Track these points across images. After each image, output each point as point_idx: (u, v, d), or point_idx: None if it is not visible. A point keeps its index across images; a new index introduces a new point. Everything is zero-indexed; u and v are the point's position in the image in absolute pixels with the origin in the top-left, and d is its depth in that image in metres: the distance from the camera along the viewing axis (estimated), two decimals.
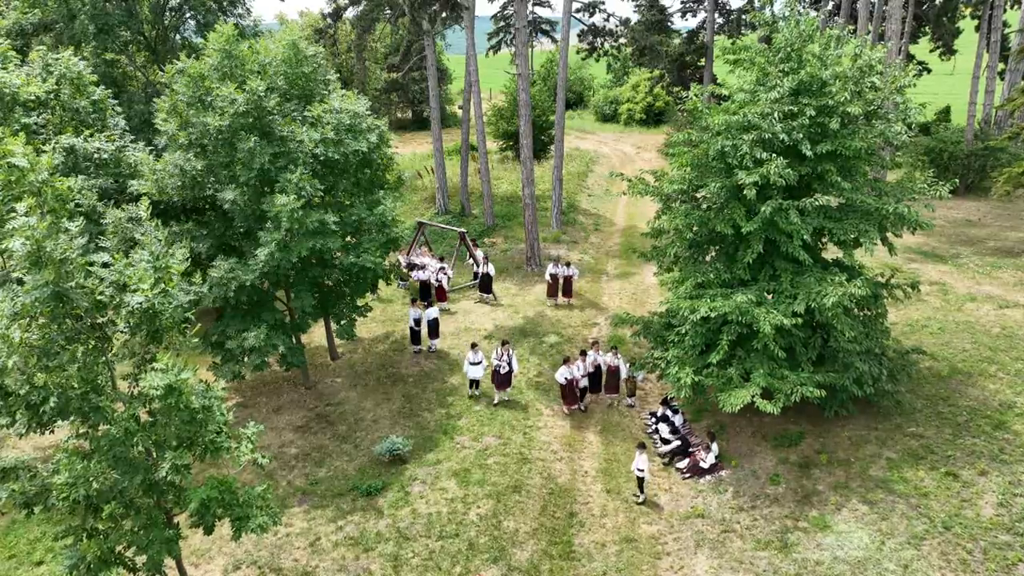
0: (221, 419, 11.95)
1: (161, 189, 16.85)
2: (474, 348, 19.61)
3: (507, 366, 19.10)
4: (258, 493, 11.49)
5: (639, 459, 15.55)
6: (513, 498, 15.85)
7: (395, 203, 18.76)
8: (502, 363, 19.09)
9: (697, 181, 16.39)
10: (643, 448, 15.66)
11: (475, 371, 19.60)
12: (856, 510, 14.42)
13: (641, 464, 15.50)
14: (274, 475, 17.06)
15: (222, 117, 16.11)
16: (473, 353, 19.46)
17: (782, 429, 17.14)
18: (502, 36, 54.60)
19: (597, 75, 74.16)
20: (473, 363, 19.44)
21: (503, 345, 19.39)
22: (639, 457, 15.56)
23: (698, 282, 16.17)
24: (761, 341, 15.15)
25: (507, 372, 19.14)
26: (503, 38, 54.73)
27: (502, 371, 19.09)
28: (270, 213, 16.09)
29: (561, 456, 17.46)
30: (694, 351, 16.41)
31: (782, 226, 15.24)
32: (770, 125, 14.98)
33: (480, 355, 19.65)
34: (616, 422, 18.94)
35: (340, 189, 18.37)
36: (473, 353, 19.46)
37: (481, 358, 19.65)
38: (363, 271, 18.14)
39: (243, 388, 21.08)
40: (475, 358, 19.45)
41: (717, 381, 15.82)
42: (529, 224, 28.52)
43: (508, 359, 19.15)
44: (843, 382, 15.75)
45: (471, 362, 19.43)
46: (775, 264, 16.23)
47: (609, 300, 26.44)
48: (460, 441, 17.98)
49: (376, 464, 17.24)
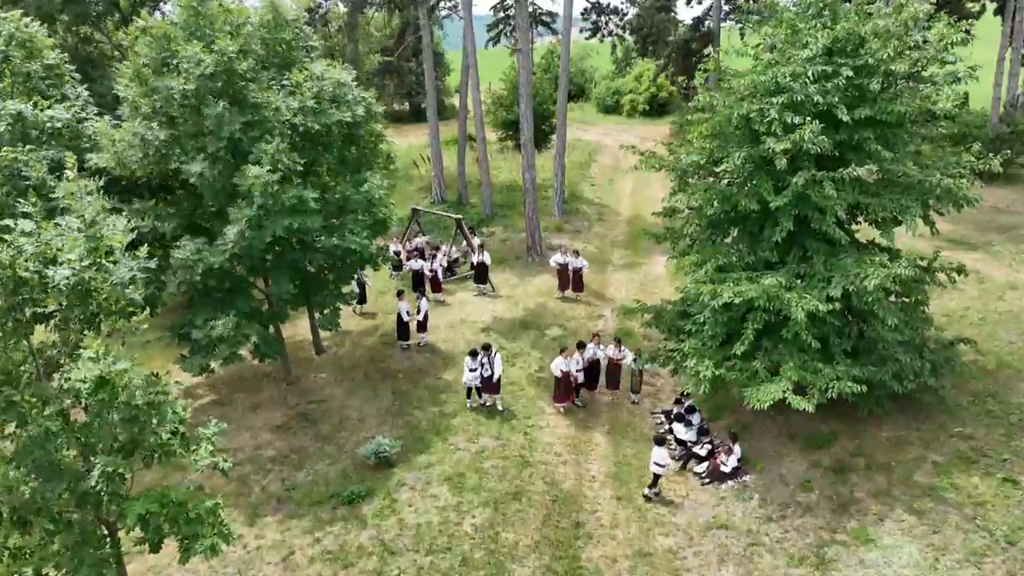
0: (176, 418, 10.27)
1: (121, 162, 15.13)
2: (473, 355, 17.12)
3: (489, 369, 17.05)
4: (209, 508, 9.77)
5: (657, 453, 13.93)
6: (512, 506, 14.15)
7: (383, 181, 17.03)
8: (484, 366, 17.05)
9: (718, 152, 14.65)
10: (662, 443, 14.01)
11: (473, 377, 17.25)
12: (902, 521, 12.72)
13: (660, 458, 13.89)
14: (247, 480, 15.36)
15: (187, 80, 14.41)
16: (472, 359, 17.11)
17: (812, 429, 15.43)
18: (501, 28, 53.02)
19: (599, 66, 72.51)
20: (471, 369, 17.13)
21: (485, 350, 17.20)
22: (657, 451, 13.94)
23: (719, 265, 14.46)
24: (792, 330, 13.44)
25: (489, 376, 17.09)
26: (502, 29, 53.14)
27: (485, 374, 17.10)
28: (242, 188, 14.40)
29: (566, 459, 15.76)
30: (714, 342, 14.70)
31: (815, 200, 13.53)
32: (803, 87, 13.27)
33: (477, 363, 17.14)
34: (626, 421, 17.24)
35: (322, 165, 16.67)
36: (472, 359, 17.11)
37: (479, 364, 17.14)
38: (347, 254, 16.41)
39: (219, 385, 19.38)
40: (473, 364, 17.12)
41: (741, 375, 14.11)
42: (530, 211, 26.81)
43: (490, 363, 17.05)
44: (882, 377, 14.04)
45: (469, 368, 17.14)
46: (805, 244, 14.52)
47: (615, 291, 24.73)
48: (454, 442, 16.27)
49: (360, 468, 15.54)
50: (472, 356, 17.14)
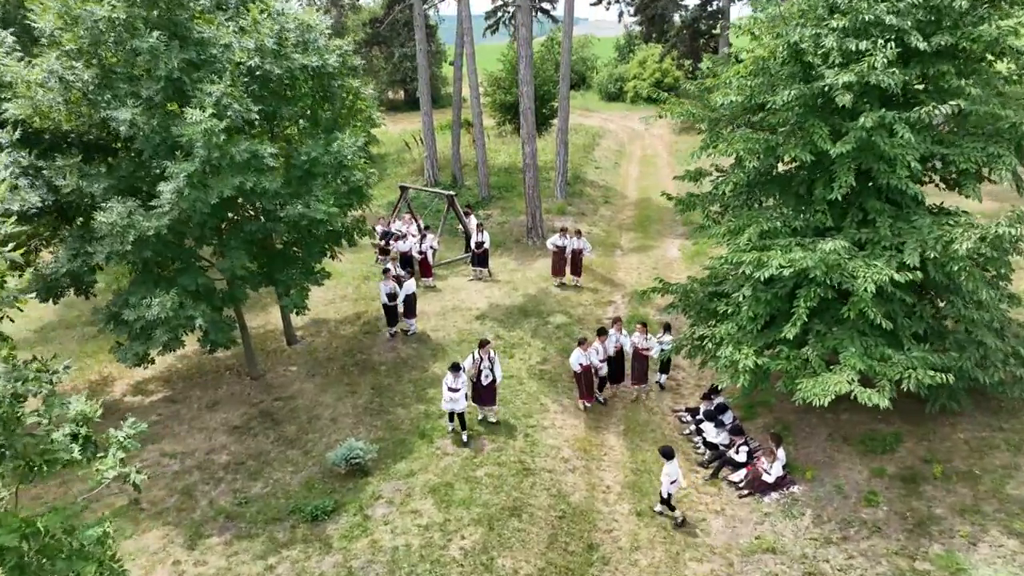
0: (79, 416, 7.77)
1: (40, 111, 12.57)
2: (455, 370, 13.46)
3: (490, 373, 13.95)
4: (95, 537, 7.17)
5: (669, 467, 11.42)
6: (511, 525, 11.59)
7: (357, 140, 14.45)
8: (484, 370, 13.86)
9: (758, 96, 12.06)
10: (671, 456, 11.52)
11: (455, 400, 13.53)
12: (1000, 546, 10.16)
13: (674, 473, 11.38)
14: (193, 492, 12.80)
15: (115, 7, 11.84)
16: (453, 376, 13.46)
17: (869, 430, 12.88)
18: (500, 15, 50.61)
19: (601, 55, 70.09)
20: (452, 388, 13.49)
21: (482, 347, 14.12)
22: (669, 466, 11.44)
23: (763, 230, 11.88)
24: (854, 308, 10.89)
25: (491, 382, 13.98)
26: (500, 17, 50.76)
27: (484, 381, 13.94)
28: (183, 138, 11.84)
29: (574, 466, 13.21)
30: (754, 325, 12.12)
31: (884, 148, 10.97)
32: (869, 4, 10.71)
33: (463, 379, 13.57)
34: (644, 420, 14.68)
35: (287, 120, 14.11)
36: (453, 376, 13.46)
37: (463, 383, 13.57)
38: (314, 225, 13.84)
39: (175, 379, 16.82)
40: (455, 382, 13.47)
41: (788, 365, 11.54)
42: (530, 188, 24.23)
43: (491, 365, 13.98)
44: (962, 364, 11.49)
45: (449, 387, 13.51)
46: (866, 205, 11.96)
47: (625, 275, 22.17)
48: (441, 446, 13.71)
49: (328, 477, 12.99)
50: (454, 371, 13.44)
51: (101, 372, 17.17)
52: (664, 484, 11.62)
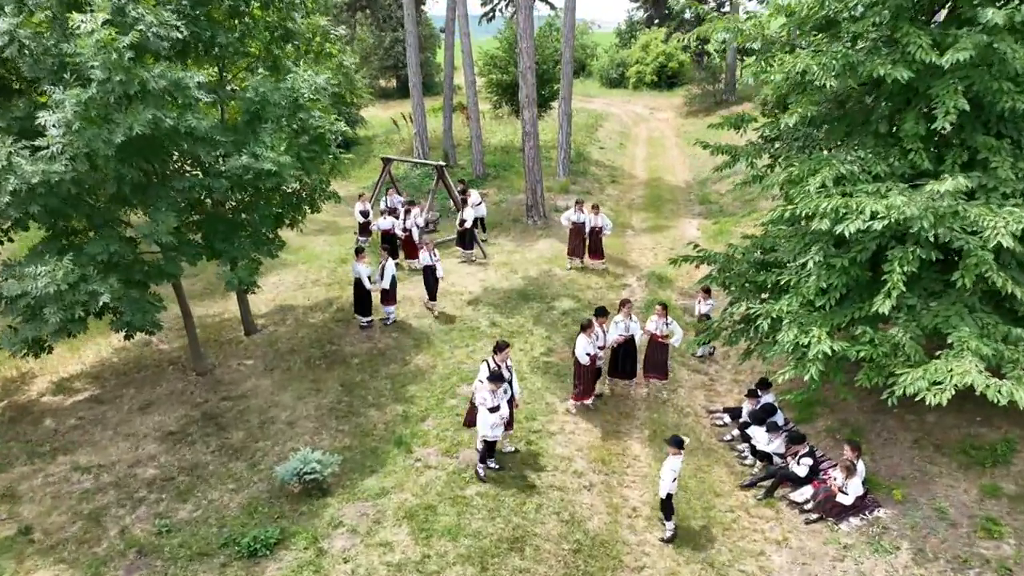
0: None
1: None
2: (497, 380, 9.89)
3: (508, 388, 10.31)
4: None
5: (675, 462, 8.98)
6: (510, 563, 8.77)
7: (317, 77, 11.64)
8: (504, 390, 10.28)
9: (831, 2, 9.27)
10: (680, 444, 8.98)
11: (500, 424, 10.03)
12: None
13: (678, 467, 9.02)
14: (102, 517, 9.96)
15: None
16: (492, 388, 9.82)
17: (968, 435, 10.08)
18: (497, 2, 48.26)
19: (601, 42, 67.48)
20: (493, 408, 9.91)
21: (497, 352, 10.44)
22: (675, 459, 8.95)
23: (838, 174, 9.07)
24: (971, 273, 8.11)
25: (509, 399, 10.34)
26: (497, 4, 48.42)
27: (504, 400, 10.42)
28: (77, 58, 9.03)
29: (591, 482, 10.38)
30: (826, 300, 9.32)
31: (1008, 61, 8.19)
32: None
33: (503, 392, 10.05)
34: (674, 423, 11.87)
35: (226, 46, 11.27)
36: (492, 388, 9.82)
37: (500, 400, 9.96)
38: (262, 179, 10.98)
39: (107, 375, 13.97)
40: (494, 397, 9.86)
41: (875, 350, 8.73)
42: (530, 160, 21.40)
43: (509, 377, 10.39)
44: None
45: (489, 408, 9.89)
46: (972, 142, 9.16)
47: (640, 256, 19.39)
48: (422, 456, 10.88)
49: (277, 497, 10.15)
50: (495, 381, 9.84)
51: (19, 367, 14.31)
52: (665, 481, 9.01)
